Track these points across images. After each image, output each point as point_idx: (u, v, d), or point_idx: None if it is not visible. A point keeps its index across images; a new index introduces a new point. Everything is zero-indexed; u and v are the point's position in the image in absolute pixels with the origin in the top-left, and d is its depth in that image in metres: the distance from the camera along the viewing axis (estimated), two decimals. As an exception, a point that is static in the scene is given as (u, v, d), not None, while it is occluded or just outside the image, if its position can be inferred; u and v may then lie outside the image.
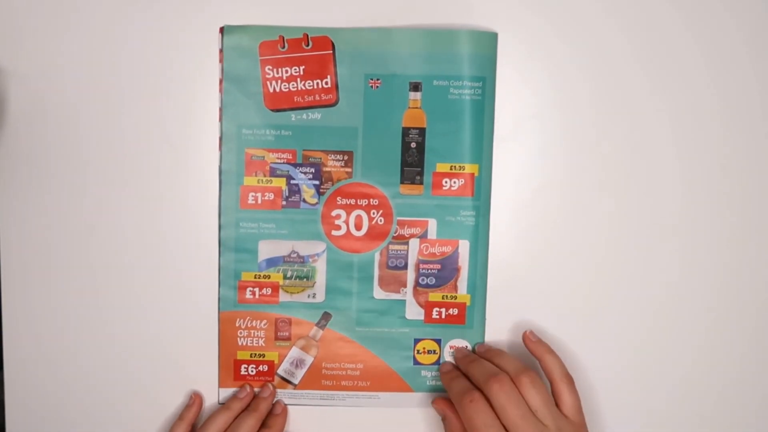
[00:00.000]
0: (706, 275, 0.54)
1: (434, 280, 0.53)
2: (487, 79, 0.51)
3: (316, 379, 0.54)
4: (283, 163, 0.52)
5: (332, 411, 0.54)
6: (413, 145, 0.52)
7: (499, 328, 0.54)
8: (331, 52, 0.51)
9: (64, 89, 0.51)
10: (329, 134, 0.52)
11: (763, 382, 0.55)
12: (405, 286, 0.53)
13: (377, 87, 0.51)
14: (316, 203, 0.52)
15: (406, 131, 0.52)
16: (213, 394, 0.54)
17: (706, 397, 0.55)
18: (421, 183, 0.52)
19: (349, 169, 0.52)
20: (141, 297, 0.53)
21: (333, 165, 0.52)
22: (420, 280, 0.53)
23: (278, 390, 0.54)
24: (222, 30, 0.51)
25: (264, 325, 0.53)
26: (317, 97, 0.51)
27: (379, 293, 0.53)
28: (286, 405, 0.54)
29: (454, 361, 0.53)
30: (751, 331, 0.54)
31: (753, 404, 0.55)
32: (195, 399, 0.53)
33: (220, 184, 0.52)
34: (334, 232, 0.53)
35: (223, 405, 0.52)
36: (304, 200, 0.52)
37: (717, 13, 0.52)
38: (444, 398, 0.52)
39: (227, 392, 0.54)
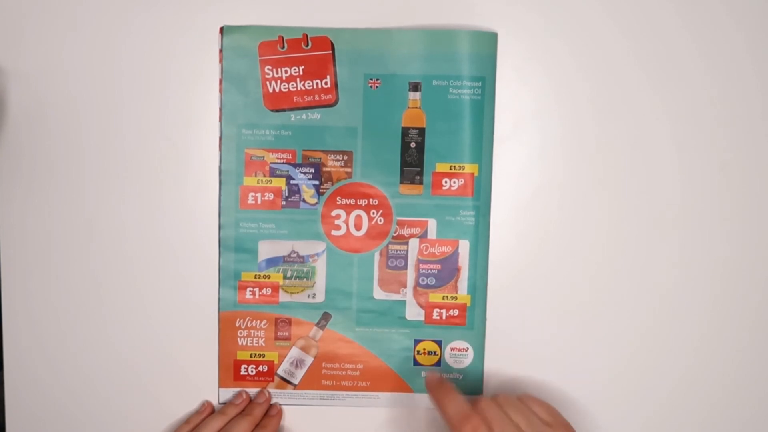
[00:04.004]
0: (706, 274, 0.54)
1: (434, 280, 0.53)
2: (486, 78, 0.51)
3: (316, 379, 0.54)
4: (283, 163, 0.52)
5: (332, 411, 0.54)
6: (413, 145, 0.52)
7: (499, 329, 0.54)
8: (331, 52, 0.51)
9: (64, 89, 0.51)
10: (329, 134, 0.52)
11: (763, 383, 0.54)
12: (405, 287, 0.53)
13: (377, 87, 0.51)
14: (316, 203, 0.52)
15: (405, 131, 0.52)
16: (213, 394, 0.54)
17: (707, 397, 0.54)
18: (421, 183, 0.52)
19: (348, 169, 0.52)
20: (141, 297, 0.53)
21: (333, 165, 0.52)
22: (420, 281, 0.53)
23: (278, 390, 0.54)
24: (222, 30, 0.51)
25: (264, 325, 0.53)
26: (317, 97, 0.51)
27: (379, 293, 0.53)
28: (281, 407, 0.54)
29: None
30: (751, 330, 0.54)
31: (753, 404, 0.55)
32: (206, 407, 0.53)
33: (220, 184, 0.52)
34: (334, 232, 0.53)
35: (219, 410, 0.53)
36: (304, 200, 0.52)
37: (716, 13, 0.52)
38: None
39: (227, 392, 0.54)
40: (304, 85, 0.51)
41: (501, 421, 0.46)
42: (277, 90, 0.51)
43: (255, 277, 0.53)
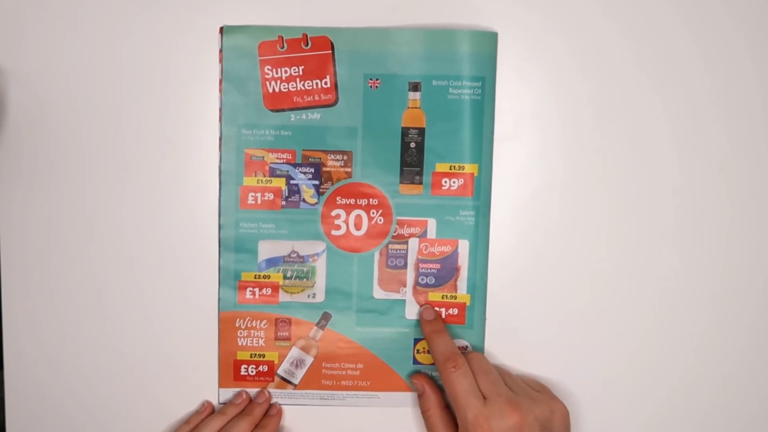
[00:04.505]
0: (706, 274, 0.54)
1: (434, 279, 0.53)
2: (486, 78, 0.51)
3: (316, 379, 0.54)
4: (283, 163, 0.52)
5: (332, 411, 0.54)
6: (413, 145, 0.52)
7: (499, 329, 0.54)
8: (331, 52, 0.51)
9: (64, 89, 0.51)
10: (329, 134, 0.52)
11: (763, 383, 0.55)
12: (405, 286, 0.53)
13: (376, 87, 0.51)
14: (316, 203, 0.52)
15: (405, 131, 0.52)
16: (213, 394, 0.54)
17: (707, 397, 0.54)
18: (421, 183, 0.52)
19: (348, 169, 0.52)
20: (141, 297, 0.53)
21: (332, 165, 0.52)
22: (419, 280, 0.53)
23: (278, 390, 0.54)
24: (221, 30, 0.51)
25: (264, 325, 0.53)
26: (316, 97, 0.51)
27: (378, 293, 0.53)
28: (281, 407, 0.54)
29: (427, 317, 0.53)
30: (751, 330, 0.54)
31: (753, 404, 0.55)
32: (206, 407, 0.53)
33: (220, 185, 0.52)
34: (334, 232, 0.53)
35: (219, 410, 0.53)
36: (304, 200, 0.52)
37: (716, 13, 0.52)
38: (423, 374, 0.53)
39: (227, 392, 0.54)
40: (303, 85, 0.51)
41: (486, 369, 0.49)
42: (276, 90, 0.51)
43: (255, 277, 0.53)
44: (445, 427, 0.50)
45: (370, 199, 0.52)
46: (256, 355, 0.53)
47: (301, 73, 0.51)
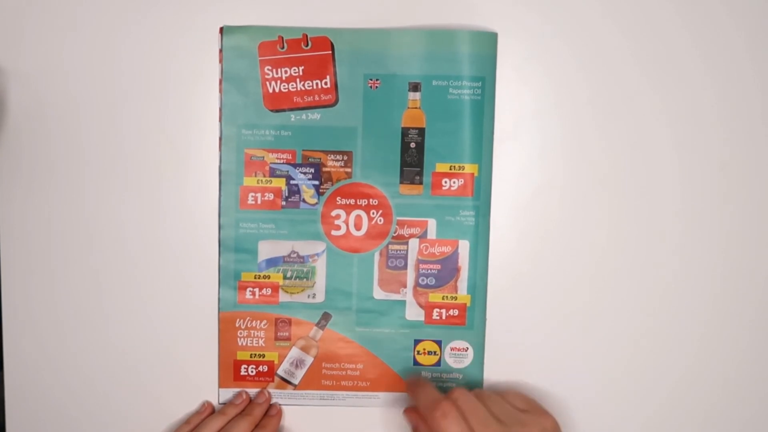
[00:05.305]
0: (706, 275, 0.54)
1: (434, 280, 0.53)
2: (486, 79, 0.51)
3: (316, 379, 0.54)
4: (283, 163, 0.52)
5: (332, 411, 0.54)
6: (413, 145, 0.52)
7: (499, 329, 0.54)
8: (331, 52, 0.51)
9: (64, 89, 0.51)
10: (329, 134, 0.52)
11: (763, 383, 0.54)
12: (405, 287, 0.53)
13: (376, 87, 0.51)
14: (316, 203, 0.52)
15: (405, 131, 0.52)
16: (213, 394, 0.54)
17: (707, 397, 0.54)
18: (421, 183, 0.52)
19: (348, 169, 0.52)
20: (141, 297, 0.53)
21: (332, 165, 0.52)
22: (420, 281, 0.53)
23: (278, 390, 0.54)
24: (221, 30, 0.51)
25: (264, 325, 0.53)
26: (316, 98, 0.51)
27: (379, 293, 0.53)
28: (281, 407, 0.54)
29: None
30: (751, 330, 0.54)
31: (753, 404, 0.55)
32: (206, 408, 0.53)
33: (220, 185, 0.52)
34: (334, 232, 0.53)
35: (219, 410, 0.53)
36: (304, 200, 0.52)
37: (717, 13, 0.52)
38: (418, 375, 0.53)
39: (227, 392, 0.54)
40: (303, 85, 0.51)
41: (474, 408, 0.47)
42: (276, 90, 0.51)
43: (255, 278, 0.53)
44: None
45: (370, 200, 0.52)
46: (256, 355, 0.53)
47: (301, 73, 0.51)
